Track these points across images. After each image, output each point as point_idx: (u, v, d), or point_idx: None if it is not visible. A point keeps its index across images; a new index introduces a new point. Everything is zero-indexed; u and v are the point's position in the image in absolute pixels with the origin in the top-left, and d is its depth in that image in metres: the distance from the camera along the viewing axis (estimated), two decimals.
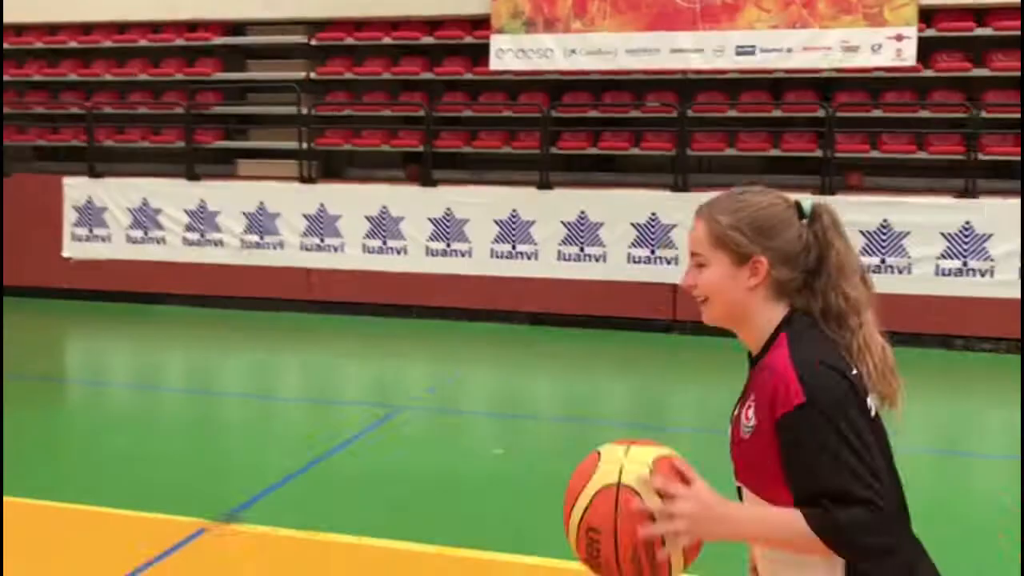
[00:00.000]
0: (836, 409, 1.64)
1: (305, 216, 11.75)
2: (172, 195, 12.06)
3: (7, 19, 12.97)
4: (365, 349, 10.22)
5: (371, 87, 12.29)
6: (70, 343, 11.11)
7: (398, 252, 11.47)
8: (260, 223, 11.86)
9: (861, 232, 10.01)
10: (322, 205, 11.69)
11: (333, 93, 12.38)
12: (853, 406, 1.66)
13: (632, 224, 10.47)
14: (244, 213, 11.92)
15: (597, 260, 10.61)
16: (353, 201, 11.59)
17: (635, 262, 10.50)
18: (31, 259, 12.58)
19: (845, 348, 1.76)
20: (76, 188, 12.50)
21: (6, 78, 13.19)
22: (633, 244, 10.42)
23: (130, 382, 9.02)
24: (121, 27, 12.81)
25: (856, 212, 10.06)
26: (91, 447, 6.48)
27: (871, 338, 1.77)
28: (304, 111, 11.82)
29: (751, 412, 1.73)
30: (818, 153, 10.58)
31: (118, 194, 12.28)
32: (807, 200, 1.82)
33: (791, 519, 1.65)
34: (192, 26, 12.56)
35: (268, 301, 11.66)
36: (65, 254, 12.51)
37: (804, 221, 1.80)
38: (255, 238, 11.89)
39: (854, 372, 1.73)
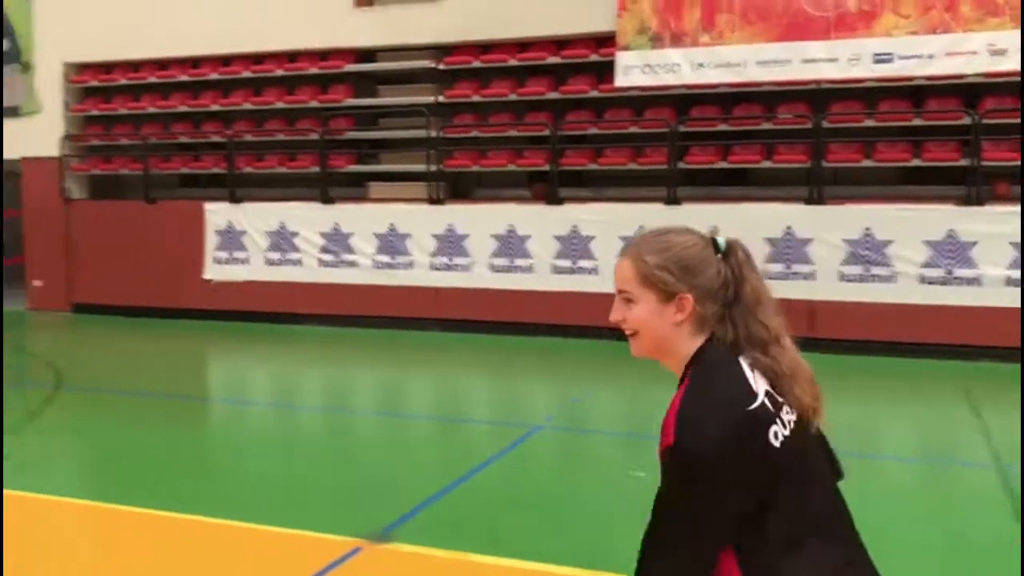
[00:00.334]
0: (694, 469, 1.69)
1: (434, 236, 11.95)
2: (308, 218, 12.46)
3: (153, 55, 13.70)
4: (493, 367, 10.29)
5: (497, 108, 12.42)
6: (213, 362, 11.56)
7: (525, 270, 11.52)
8: (391, 244, 12.13)
9: (1011, 244, 9.53)
10: (450, 225, 11.87)
11: (460, 115, 12.56)
12: (722, 466, 1.68)
13: (766, 239, 10.23)
14: (376, 234, 12.21)
15: None
16: (480, 221, 11.72)
17: (770, 278, 10.22)
18: (175, 281, 13.21)
19: (765, 371, 1.82)
20: (217, 213, 13.06)
21: (152, 110, 13.92)
22: (768, 259, 10.17)
23: (271, 401, 9.30)
24: (257, 58, 13.34)
25: (1003, 223, 9.59)
26: (237, 464, 6.66)
27: (793, 361, 1.84)
28: (433, 134, 12.04)
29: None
30: (963, 162, 10.12)
31: (256, 218, 12.76)
32: (721, 237, 1.89)
33: None
34: (324, 55, 12.97)
35: (399, 320, 11.90)
36: (206, 276, 13.07)
37: (719, 256, 1.87)
38: (386, 259, 12.16)
39: (756, 403, 1.75)
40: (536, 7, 11.76)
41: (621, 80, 11.37)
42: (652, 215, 10.57)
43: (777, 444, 1.74)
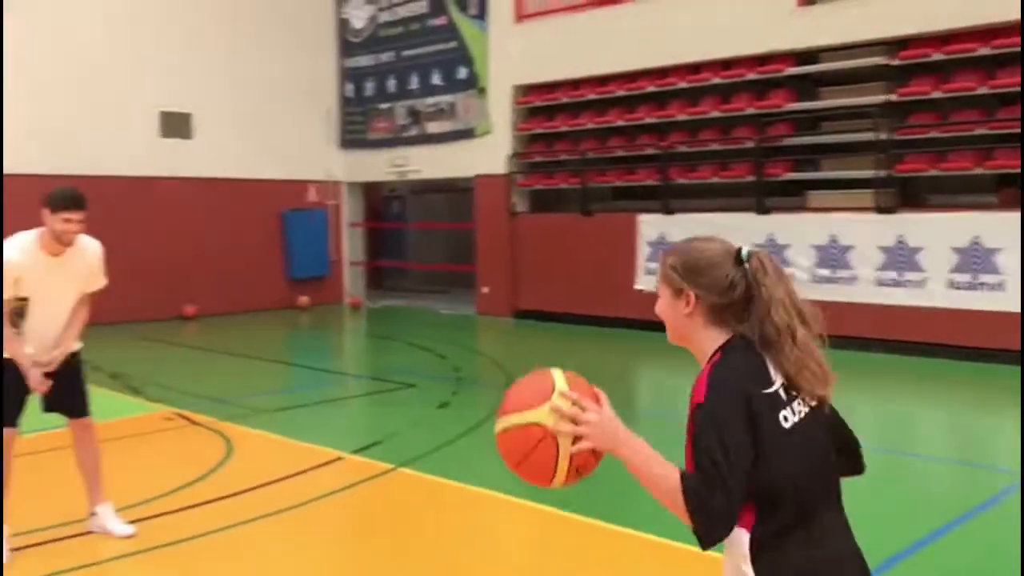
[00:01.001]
0: (719, 416, 1.96)
1: (881, 248, 10.90)
2: (741, 229, 11.99)
3: (593, 72, 14.15)
4: (961, 398, 9.05)
5: (961, 104, 11.01)
6: (645, 371, 11.54)
7: (993, 288, 10.06)
8: (831, 257, 11.29)
9: None
10: (901, 236, 10.75)
11: (916, 115, 11.34)
12: (739, 418, 1.97)
13: None
14: (814, 246, 11.45)
15: None
16: (937, 231, 10.47)
17: None
18: (609, 291, 13.49)
19: (779, 366, 2.06)
20: (650, 224, 13.12)
21: (590, 126, 14.38)
22: None
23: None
24: (694, 67, 13.21)
25: None
26: None
27: (799, 359, 2.05)
28: (882, 136, 11.01)
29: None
30: None
31: (688, 230, 12.60)
32: (745, 248, 2.11)
33: (668, 472, 1.97)
34: (763, 59, 12.47)
35: (837, 339, 10.93)
36: (638, 286, 13.17)
37: (737, 264, 2.10)
38: (826, 272, 11.34)
39: (772, 389, 2.04)
40: None
41: None
42: None
43: (787, 426, 2.03)
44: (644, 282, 13.07)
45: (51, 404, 5.05)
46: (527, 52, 14.92)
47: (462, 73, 15.95)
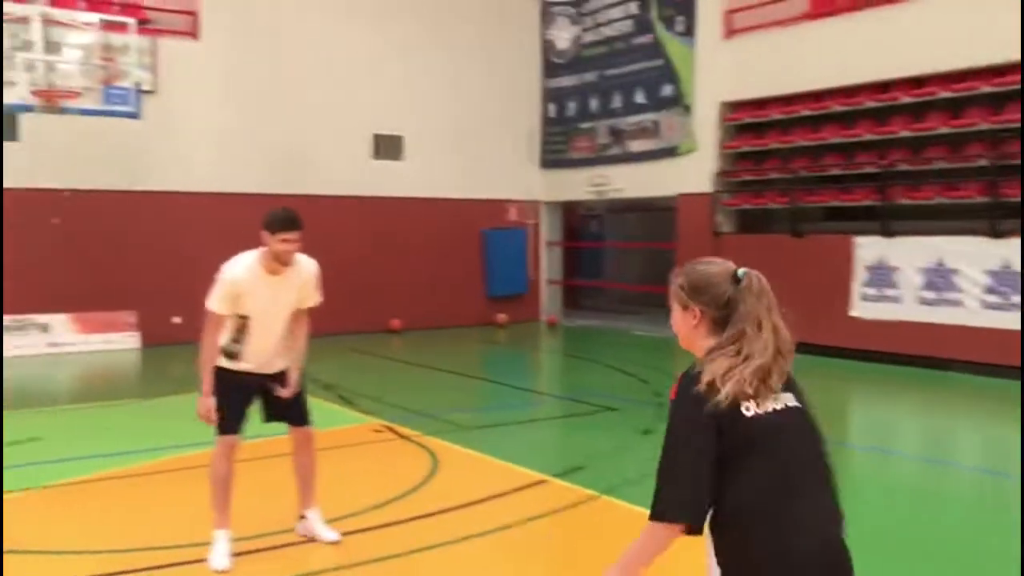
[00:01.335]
0: (683, 409, 2.35)
1: None
2: (971, 254, 11.11)
3: (807, 87, 13.51)
4: None
5: None
6: (856, 405, 10.83)
7: None
8: None
9: None
10: None
11: None
12: (698, 414, 2.30)
13: None
14: None
15: None
16: None
17: None
18: (819, 317, 12.78)
19: (749, 361, 2.36)
20: (867, 247, 12.35)
21: (802, 143, 13.73)
22: None
23: (915, 452, 8.28)
24: (917, 81, 12.34)
25: None
26: (869, 515, 5.94)
27: (764, 365, 2.35)
28: None
29: None
30: None
31: (911, 253, 11.76)
32: (742, 270, 2.48)
33: (636, 541, 2.41)
34: (999, 70, 11.47)
35: None
36: (853, 313, 12.41)
37: (734, 284, 2.46)
38: None
39: (739, 386, 2.32)
40: None
41: None
42: None
43: (749, 415, 2.32)
44: (860, 309, 12.30)
45: (273, 414, 5.23)
46: (736, 68, 14.47)
47: (667, 91, 15.67)
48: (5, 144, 13.21)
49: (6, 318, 13.24)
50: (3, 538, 5.06)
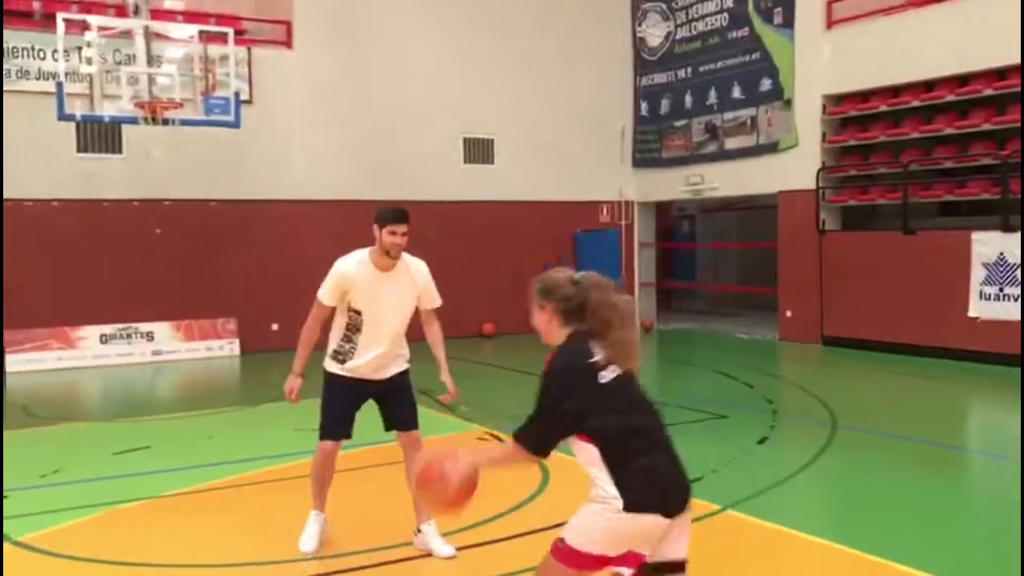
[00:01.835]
0: (548, 381, 3.08)
1: None
2: None
3: (917, 77, 12.89)
4: None
5: None
6: (974, 408, 10.24)
7: None
8: None
9: None
10: None
11: None
12: (564, 382, 3.07)
13: None
14: None
15: None
16: None
17: None
18: (934, 318, 12.18)
19: (604, 346, 3.08)
20: (986, 244, 11.70)
21: (914, 135, 13.11)
22: None
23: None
24: None
25: None
26: (976, 525, 5.66)
27: (617, 340, 3.08)
28: None
29: None
30: None
31: None
32: (579, 274, 3.20)
33: (501, 445, 3.72)
34: None
35: None
36: (971, 313, 11.77)
37: (574, 284, 3.18)
38: None
39: (593, 359, 3.06)
40: None
41: None
42: None
43: (604, 381, 3.05)
44: (979, 309, 11.66)
45: (390, 420, 5.17)
46: (838, 60, 13.92)
47: (765, 85, 15.18)
48: (109, 156, 13.54)
49: (114, 326, 13.56)
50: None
